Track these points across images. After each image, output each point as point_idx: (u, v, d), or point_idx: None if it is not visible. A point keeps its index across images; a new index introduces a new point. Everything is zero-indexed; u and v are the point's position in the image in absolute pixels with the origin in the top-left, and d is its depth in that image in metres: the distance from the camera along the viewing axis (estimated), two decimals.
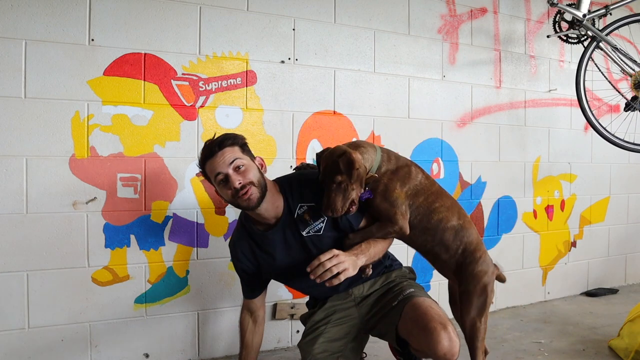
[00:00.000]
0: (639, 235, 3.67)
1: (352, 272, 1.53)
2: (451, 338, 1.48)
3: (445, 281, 1.90)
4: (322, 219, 1.69)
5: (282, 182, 1.76)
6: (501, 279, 1.83)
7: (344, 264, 1.51)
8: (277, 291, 2.45)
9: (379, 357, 1.84)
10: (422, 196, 1.69)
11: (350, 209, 1.61)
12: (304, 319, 1.93)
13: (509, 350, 2.39)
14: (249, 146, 1.72)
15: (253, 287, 1.82)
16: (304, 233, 1.69)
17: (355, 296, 1.78)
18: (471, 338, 1.69)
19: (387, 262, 1.84)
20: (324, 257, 1.50)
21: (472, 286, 1.68)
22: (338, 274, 1.50)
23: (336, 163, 1.57)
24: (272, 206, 1.68)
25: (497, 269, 1.78)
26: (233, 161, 1.60)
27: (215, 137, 1.66)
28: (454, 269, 1.73)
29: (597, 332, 2.60)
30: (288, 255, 1.71)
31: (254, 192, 1.60)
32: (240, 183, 1.59)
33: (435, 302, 1.69)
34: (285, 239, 1.70)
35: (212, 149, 1.62)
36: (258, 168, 1.68)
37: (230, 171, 1.59)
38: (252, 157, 1.69)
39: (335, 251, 1.53)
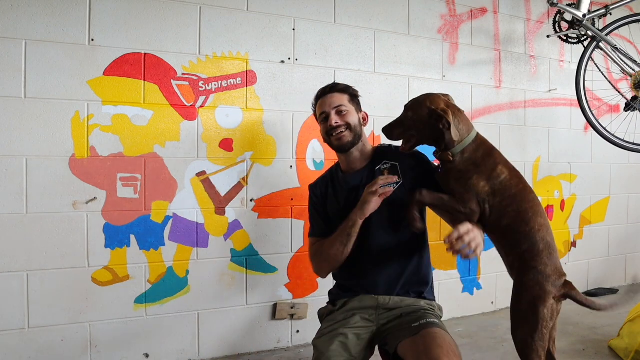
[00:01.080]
0: (639, 235, 3.67)
1: (482, 247, 1.55)
2: None
3: (445, 282, 1.89)
4: (398, 182, 1.76)
5: (378, 146, 1.93)
6: (573, 297, 1.58)
7: (478, 238, 1.52)
8: (277, 291, 2.46)
9: (378, 357, 1.84)
10: (499, 197, 1.62)
11: (403, 147, 1.72)
12: (321, 315, 1.89)
13: (509, 350, 2.39)
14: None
15: (322, 222, 1.85)
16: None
17: (379, 304, 1.75)
18: (524, 356, 1.52)
19: (424, 290, 1.81)
20: (463, 230, 1.50)
21: (519, 297, 1.55)
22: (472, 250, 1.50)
23: (421, 101, 1.69)
24: (360, 157, 1.82)
25: (569, 286, 1.57)
26: (338, 106, 1.78)
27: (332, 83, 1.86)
28: (513, 274, 1.63)
29: (597, 332, 2.60)
30: (350, 201, 1.77)
31: (347, 135, 1.77)
32: (336, 123, 1.76)
33: (455, 342, 1.61)
34: (358, 186, 1.77)
35: (325, 89, 1.83)
36: (359, 119, 1.84)
37: (332, 112, 1.77)
38: (359, 109, 1.87)
39: (470, 225, 1.53)
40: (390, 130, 1.76)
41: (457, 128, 1.63)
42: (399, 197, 1.74)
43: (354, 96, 1.85)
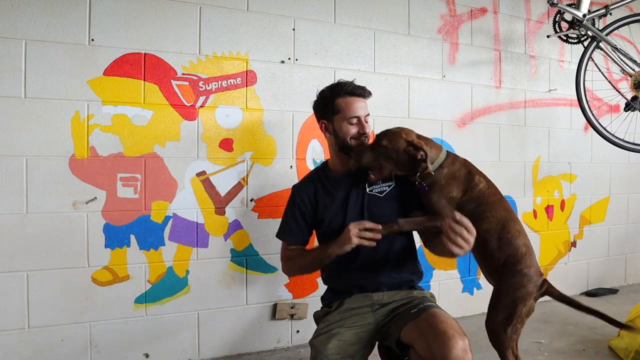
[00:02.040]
0: (639, 235, 3.67)
1: (472, 241, 1.55)
2: (466, 349, 1.44)
3: (445, 282, 1.90)
4: (390, 184, 1.81)
5: None
6: (552, 294, 1.78)
7: (472, 239, 1.51)
8: (277, 291, 2.46)
9: (378, 357, 1.84)
10: (474, 204, 1.72)
11: (370, 175, 1.72)
12: (317, 317, 1.90)
13: None
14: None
15: (296, 230, 1.85)
16: (367, 190, 1.79)
17: (374, 301, 1.76)
18: (497, 346, 1.70)
19: (413, 279, 1.83)
20: (459, 216, 1.51)
21: (504, 295, 1.70)
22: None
23: (396, 133, 1.73)
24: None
25: (547, 284, 1.75)
26: (367, 115, 1.82)
27: (354, 80, 1.84)
28: (496, 277, 1.76)
29: (597, 332, 2.60)
30: (344, 202, 1.79)
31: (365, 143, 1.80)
32: (367, 131, 1.80)
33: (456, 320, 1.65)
34: (350, 188, 1.80)
35: (362, 92, 1.81)
36: None
37: (363, 119, 1.80)
38: None
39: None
40: (360, 153, 1.73)
41: (430, 156, 1.72)
42: (391, 198, 1.78)
43: None
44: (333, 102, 1.79)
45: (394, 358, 1.74)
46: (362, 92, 1.81)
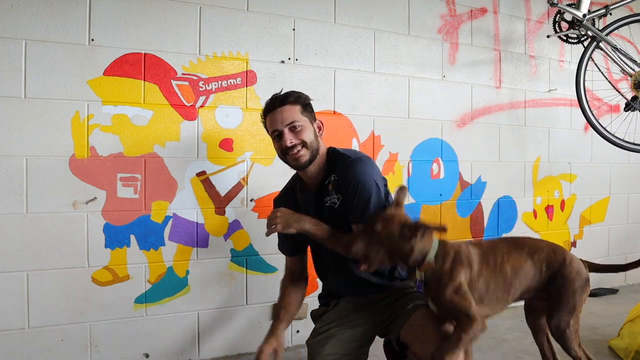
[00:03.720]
0: (639, 235, 3.67)
1: None
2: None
3: None
4: (339, 197, 1.67)
5: (334, 152, 1.75)
6: (597, 270, 1.87)
7: None
8: (277, 291, 2.45)
9: (378, 357, 1.84)
10: (481, 278, 1.55)
11: (361, 265, 1.48)
12: (314, 316, 1.91)
13: (509, 350, 2.39)
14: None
15: (290, 243, 1.83)
16: (326, 202, 1.70)
17: (371, 299, 1.76)
18: (564, 343, 1.64)
19: (403, 273, 1.82)
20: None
21: (564, 291, 1.63)
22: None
23: (391, 218, 1.48)
24: (317, 170, 1.71)
25: (587, 264, 1.76)
26: (291, 122, 1.64)
27: (281, 92, 1.70)
28: (544, 287, 1.65)
29: (597, 332, 2.60)
30: (318, 216, 1.71)
31: (304, 154, 1.65)
32: (291, 142, 1.63)
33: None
34: (316, 204, 1.72)
35: (274, 103, 1.67)
36: (315, 131, 1.70)
37: (286, 130, 1.64)
38: (312, 119, 1.71)
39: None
40: (351, 243, 1.49)
41: (420, 246, 1.50)
42: (340, 208, 1.68)
43: (306, 105, 1.71)
44: (265, 124, 1.75)
45: (397, 354, 1.74)
46: (272, 104, 1.67)
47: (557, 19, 2.87)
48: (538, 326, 1.80)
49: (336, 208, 1.68)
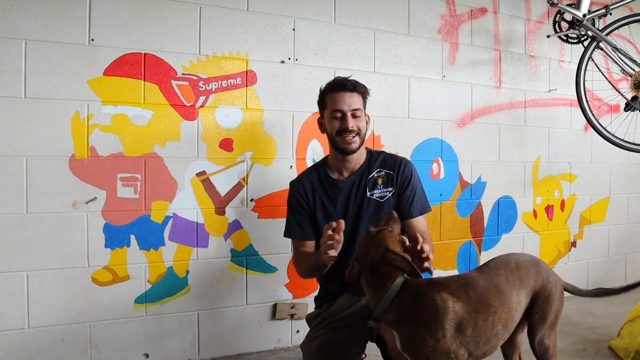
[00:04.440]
0: (639, 235, 3.67)
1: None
2: None
3: None
4: (391, 190, 1.80)
5: (371, 149, 1.92)
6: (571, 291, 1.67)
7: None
8: (277, 291, 2.46)
9: (379, 357, 1.84)
10: (469, 326, 1.32)
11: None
12: (309, 320, 1.92)
13: None
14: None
15: (303, 225, 1.84)
16: (367, 194, 1.79)
17: (364, 301, 1.76)
18: (545, 357, 1.54)
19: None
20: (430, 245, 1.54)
21: (547, 308, 1.51)
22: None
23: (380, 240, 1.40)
24: (356, 160, 1.83)
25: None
26: (356, 109, 1.76)
27: (350, 77, 1.81)
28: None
29: (597, 332, 2.60)
30: (345, 207, 1.80)
31: (356, 141, 1.77)
32: (352, 127, 1.75)
33: None
34: (350, 192, 1.81)
35: (346, 85, 1.77)
36: (366, 123, 1.84)
37: (349, 113, 1.75)
38: (365, 113, 1.84)
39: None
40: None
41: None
42: (390, 204, 1.79)
43: (365, 99, 1.85)
44: (324, 97, 1.83)
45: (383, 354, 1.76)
46: (344, 85, 1.77)
47: (557, 19, 2.87)
48: (512, 345, 1.62)
49: (383, 202, 1.79)
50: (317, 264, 1.72)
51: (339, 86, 1.78)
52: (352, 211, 1.81)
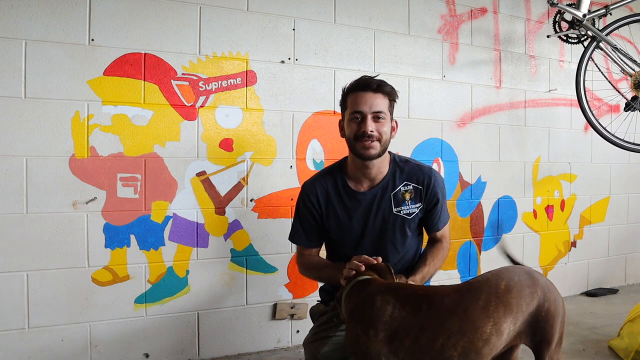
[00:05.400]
0: (639, 235, 3.67)
1: None
2: None
3: (445, 282, 1.89)
4: (419, 206, 1.68)
5: (396, 156, 1.75)
6: None
7: None
8: (277, 291, 2.45)
9: None
10: (407, 338, 1.22)
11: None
12: (313, 313, 1.88)
13: None
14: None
15: (309, 233, 1.76)
16: (394, 210, 1.67)
17: None
18: None
19: None
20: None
21: (556, 325, 1.35)
22: None
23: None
24: (377, 170, 1.67)
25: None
26: (378, 111, 1.60)
27: (377, 77, 1.65)
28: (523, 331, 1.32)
29: (597, 332, 2.60)
30: (363, 222, 1.68)
31: (376, 147, 1.61)
32: (372, 131, 1.58)
33: None
34: (370, 207, 1.67)
35: (370, 84, 1.61)
36: (390, 129, 1.67)
37: (370, 116, 1.59)
38: (392, 117, 1.68)
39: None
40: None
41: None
42: (418, 219, 1.72)
43: (393, 101, 1.68)
44: (345, 98, 1.68)
45: None
46: (368, 84, 1.61)
47: (557, 19, 2.87)
48: None
49: (410, 219, 1.68)
50: (329, 279, 1.68)
51: (362, 85, 1.62)
52: (372, 227, 1.69)
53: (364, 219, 1.69)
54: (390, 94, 1.65)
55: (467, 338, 1.20)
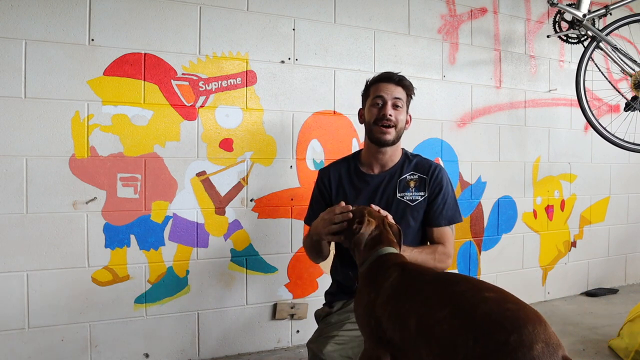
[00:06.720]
0: (639, 235, 3.67)
1: None
2: None
3: None
4: (423, 195, 1.78)
5: (407, 151, 1.91)
6: None
7: None
8: (277, 291, 2.45)
9: None
10: (392, 301, 1.21)
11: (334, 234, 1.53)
12: (318, 316, 1.88)
13: None
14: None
15: (319, 211, 1.77)
16: (397, 195, 1.77)
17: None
18: None
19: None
20: None
21: None
22: None
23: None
24: (389, 157, 1.81)
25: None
26: (397, 98, 1.76)
27: (399, 73, 1.81)
28: None
29: (597, 332, 2.60)
30: (369, 201, 1.76)
31: (391, 133, 1.76)
32: (390, 115, 1.74)
33: None
34: (377, 189, 1.79)
35: (393, 77, 1.78)
36: (405, 121, 1.83)
37: (390, 102, 1.75)
38: (407, 110, 1.84)
39: None
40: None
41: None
42: (421, 208, 1.78)
43: (410, 97, 1.85)
44: (368, 88, 1.83)
45: None
46: (390, 77, 1.78)
47: (557, 19, 2.87)
48: None
49: (413, 205, 1.76)
50: (310, 244, 1.75)
51: (385, 77, 1.79)
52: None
53: (369, 199, 1.78)
54: (409, 88, 1.81)
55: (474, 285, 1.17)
